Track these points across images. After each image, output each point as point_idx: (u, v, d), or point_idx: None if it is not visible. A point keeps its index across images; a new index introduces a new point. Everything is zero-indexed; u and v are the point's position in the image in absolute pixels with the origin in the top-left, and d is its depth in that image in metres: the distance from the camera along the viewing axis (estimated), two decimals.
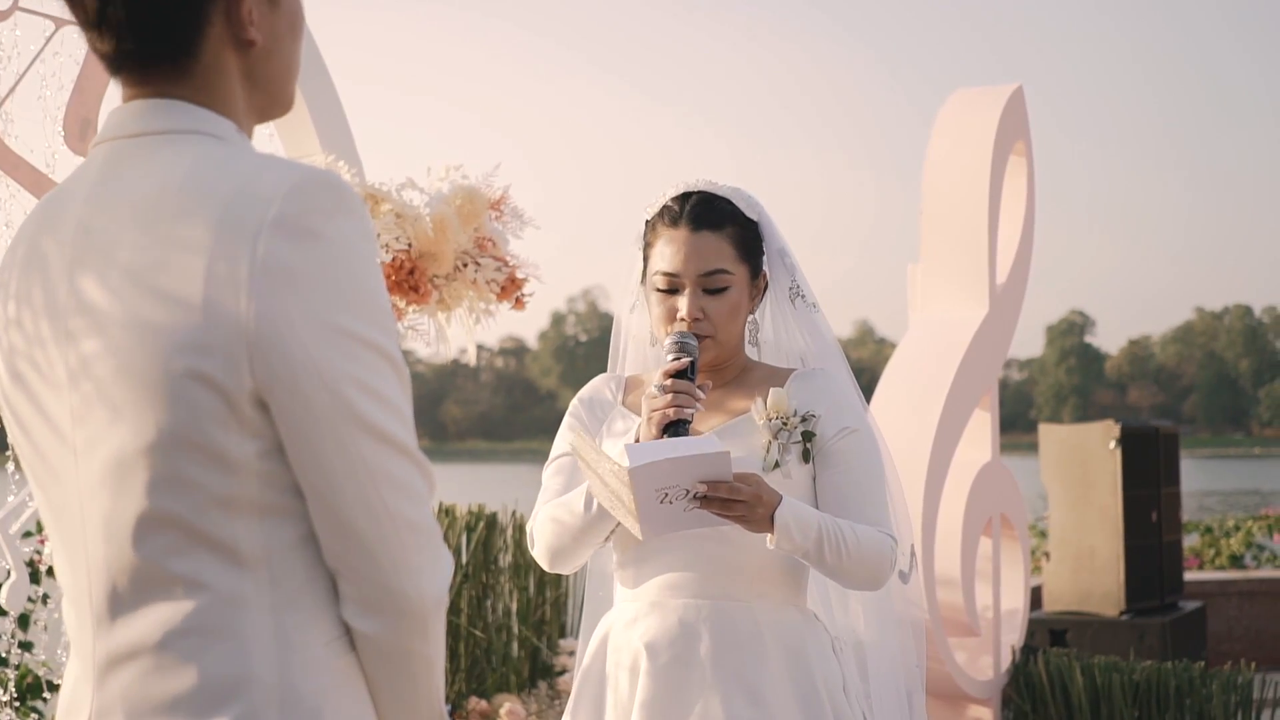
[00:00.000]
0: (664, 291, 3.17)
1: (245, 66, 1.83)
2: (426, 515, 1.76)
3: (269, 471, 1.71)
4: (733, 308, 3.16)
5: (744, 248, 3.19)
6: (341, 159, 4.74)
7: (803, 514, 2.96)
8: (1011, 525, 6.74)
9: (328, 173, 1.73)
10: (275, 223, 1.67)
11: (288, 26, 1.87)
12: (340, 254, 1.69)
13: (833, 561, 3.00)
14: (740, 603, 3.08)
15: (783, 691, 3.04)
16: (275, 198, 1.68)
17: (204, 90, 1.81)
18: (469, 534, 6.66)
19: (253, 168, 1.72)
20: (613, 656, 3.15)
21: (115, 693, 1.73)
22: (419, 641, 1.76)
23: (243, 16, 1.80)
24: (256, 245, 1.66)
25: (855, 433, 3.15)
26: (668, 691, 3.04)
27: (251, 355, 1.66)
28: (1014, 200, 6.79)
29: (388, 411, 1.71)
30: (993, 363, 6.49)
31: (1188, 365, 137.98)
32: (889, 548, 3.08)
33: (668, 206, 3.21)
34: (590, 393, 3.32)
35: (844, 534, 3.00)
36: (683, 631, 3.07)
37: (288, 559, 1.73)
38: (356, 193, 1.74)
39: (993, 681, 6.47)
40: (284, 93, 1.90)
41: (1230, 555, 12.64)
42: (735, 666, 3.04)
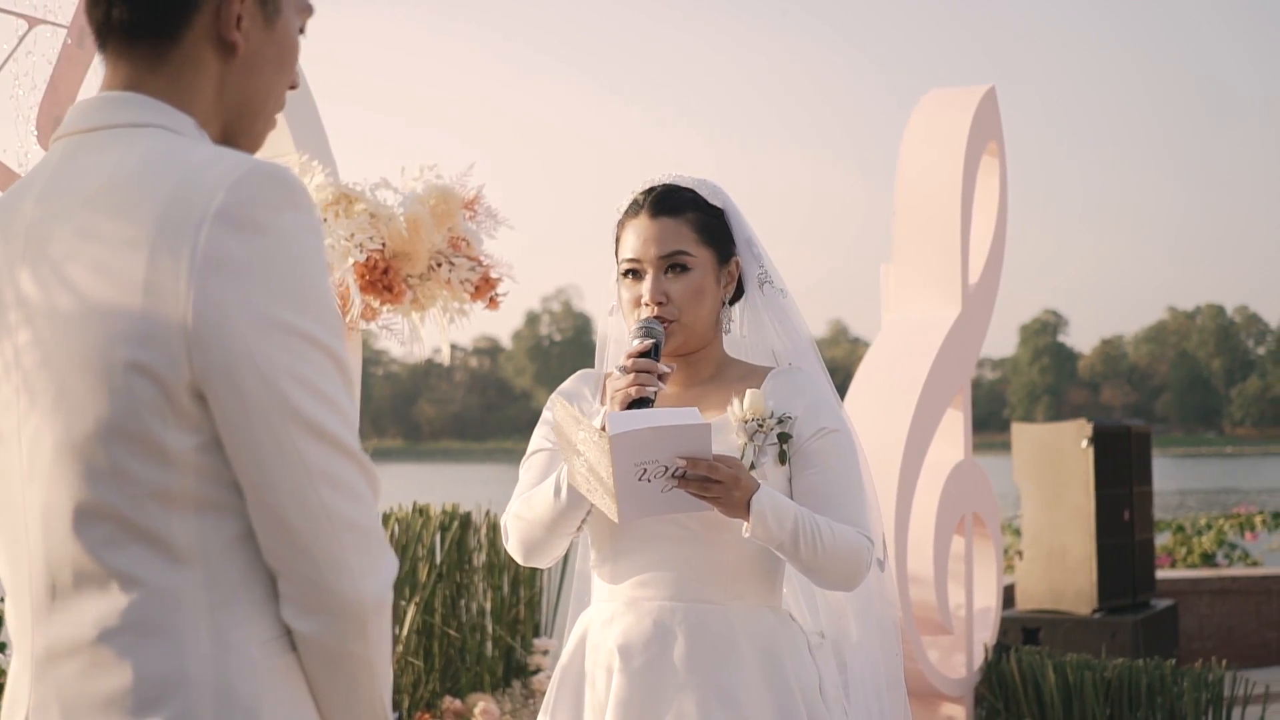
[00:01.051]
0: (628, 277, 3.22)
1: (222, 72, 1.82)
2: (366, 514, 1.72)
3: (207, 466, 1.68)
4: (696, 289, 3.17)
5: (706, 232, 3.22)
6: (316, 159, 4.73)
7: (780, 504, 2.97)
8: (984, 524, 6.76)
9: (276, 166, 1.70)
10: (218, 214, 1.65)
11: (276, 54, 1.85)
12: (284, 247, 1.67)
13: (808, 556, 3.00)
14: (715, 604, 3.08)
15: (757, 693, 3.04)
16: (219, 189, 1.66)
17: (174, 81, 1.80)
18: (443, 533, 6.65)
19: (201, 160, 1.70)
20: (590, 656, 3.15)
21: (52, 689, 1.71)
22: (358, 643, 1.72)
23: (230, 15, 1.79)
24: (199, 236, 1.64)
25: (833, 433, 3.16)
26: (642, 694, 3.04)
27: (190, 347, 1.64)
28: (986, 200, 6.81)
29: (327, 408, 1.68)
30: (965, 362, 6.51)
31: (1160, 364, 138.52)
32: (865, 548, 3.08)
33: (634, 200, 3.26)
34: (567, 389, 3.33)
35: (821, 529, 3.00)
36: (657, 633, 3.07)
37: (226, 556, 1.69)
38: (303, 185, 1.72)
39: (965, 679, 6.49)
40: (254, 123, 1.88)
41: (1202, 554, 12.72)
42: (709, 669, 3.04)
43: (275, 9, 1.85)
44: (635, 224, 3.22)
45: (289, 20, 1.87)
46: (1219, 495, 39.18)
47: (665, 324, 3.15)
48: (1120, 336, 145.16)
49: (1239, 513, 14.35)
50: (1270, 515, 14.36)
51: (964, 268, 6.42)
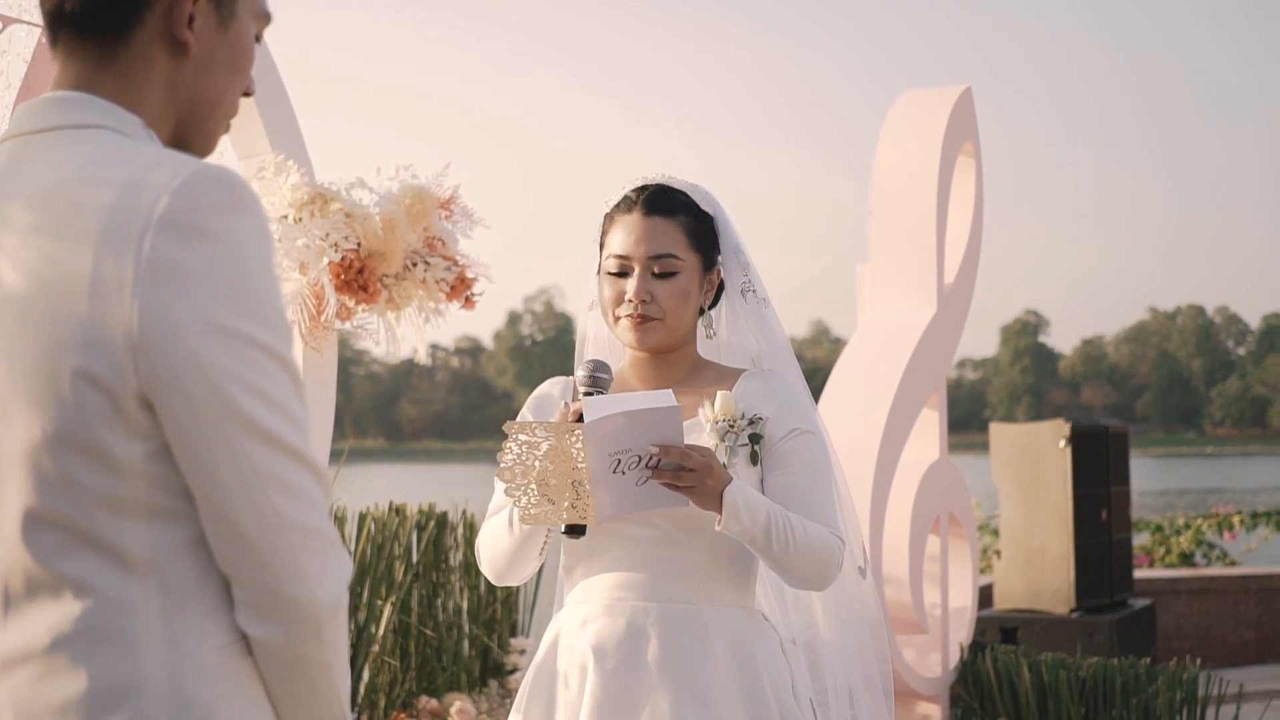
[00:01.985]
0: (614, 275, 3.21)
1: (173, 72, 1.80)
2: (318, 519, 1.71)
3: (157, 473, 1.67)
4: (681, 293, 3.18)
5: (696, 237, 3.22)
6: (291, 159, 4.73)
7: (753, 498, 2.97)
8: (960, 523, 6.77)
9: (221, 169, 1.69)
10: (162, 220, 1.63)
11: (229, 57, 1.84)
12: (230, 252, 1.65)
13: (780, 552, 3.01)
14: (688, 605, 3.09)
15: (730, 694, 3.05)
16: (164, 194, 1.64)
17: (124, 80, 1.78)
18: (419, 533, 6.65)
19: (145, 163, 1.68)
20: (564, 656, 3.15)
21: (6, 696, 1.69)
22: (313, 647, 1.71)
23: (182, 14, 1.78)
24: (143, 242, 1.62)
25: (805, 434, 3.17)
26: (615, 695, 3.04)
27: (136, 355, 1.63)
28: (963, 200, 6.83)
29: (276, 413, 1.67)
30: (941, 362, 6.53)
31: (1140, 365, 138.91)
32: (837, 548, 3.09)
33: (625, 196, 3.26)
34: (537, 397, 3.34)
35: (793, 526, 3.01)
36: (630, 634, 3.07)
37: (178, 562, 1.68)
38: (251, 188, 1.70)
39: (941, 679, 6.51)
40: (204, 125, 1.86)
41: (1180, 553, 12.73)
42: (683, 670, 3.04)
43: (230, 12, 1.83)
44: (627, 220, 3.21)
45: (244, 25, 1.86)
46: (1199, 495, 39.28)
47: (647, 322, 3.16)
48: (1101, 337, 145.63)
49: (1217, 512, 14.36)
50: (1248, 515, 14.37)
51: (939, 268, 6.44)
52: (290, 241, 4.55)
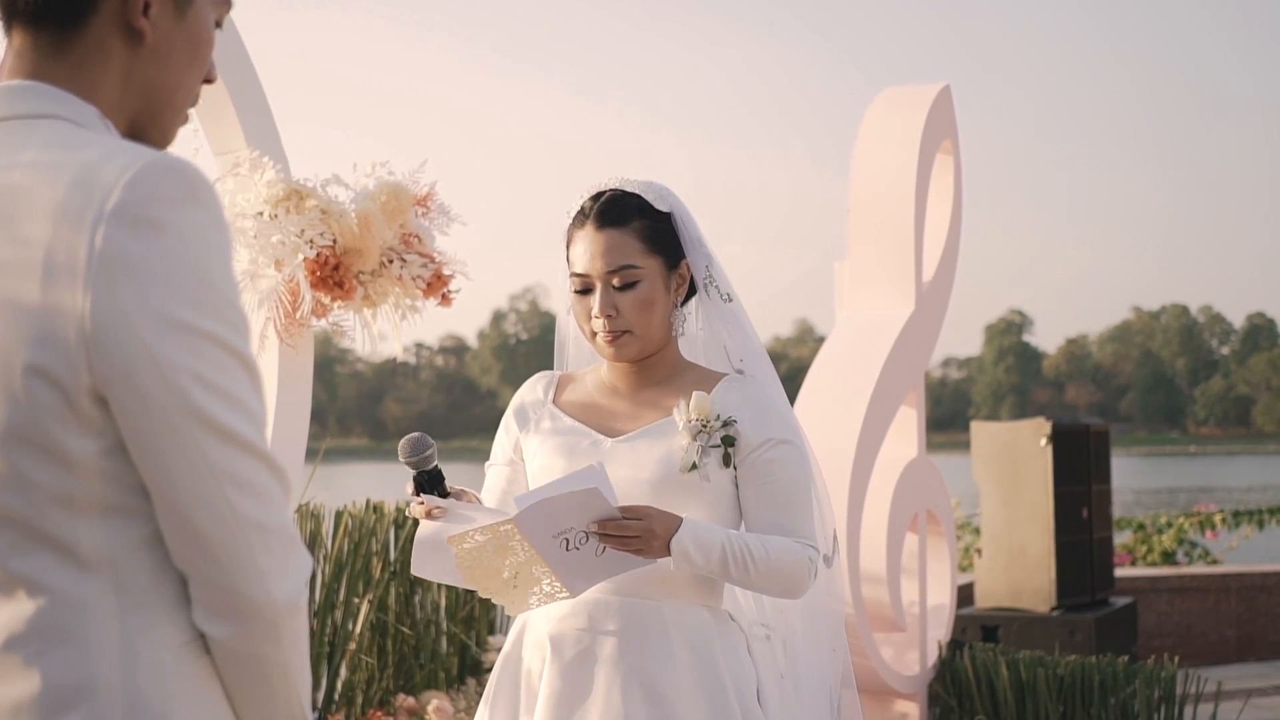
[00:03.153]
0: (579, 292, 3.21)
1: (129, 60, 1.78)
2: (276, 516, 1.68)
3: (112, 470, 1.64)
4: (644, 302, 3.17)
5: (653, 240, 3.20)
6: (267, 154, 4.71)
7: (704, 538, 2.98)
8: (938, 521, 6.77)
9: (176, 160, 1.66)
10: (115, 211, 1.60)
11: (186, 45, 1.82)
12: (184, 245, 1.62)
13: (740, 578, 3.03)
14: (650, 601, 3.10)
15: (688, 692, 3.05)
16: (116, 186, 1.61)
17: (79, 69, 1.75)
18: (397, 531, 6.63)
19: (98, 155, 1.65)
20: (528, 649, 3.17)
21: None
22: (271, 647, 1.69)
23: (137, 1, 1.75)
24: (95, 235, 1.59)
25: (781, 444, 3.16)
26: (570, 687, 3.06)
27: (89, 350, 1.60)
28: (941, 199, 6.82)
29: (232, 408, 1.65)
30: (919, 360, 6.52)
31: (1125, 364, 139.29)
32: (806, 559, 3.09)
33: (580, 209, 3.25)
34: (521, 397, 3.36)
35: (751, 552, 3.02)
36: (589, 628, 3.09)
37: (134, 560, 1.66)
38: (208, 180, 1.67)
39: (919, 676, 6.51)
40: (162, 114, 1.83)
41: (1162, 552, 12.76)
42: (638, 665, 3.05)
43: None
44: (582, 235, 3.21)
45: (202, 11, 1.84)
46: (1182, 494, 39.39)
47: (619, 336, 3.16)
48: (1085, 336, 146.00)
49: (1199, 511, 14.39)
50: (1230, 514, 14.41)
51: (918, 265, 6.43)
52: (265, 238, 4.54)
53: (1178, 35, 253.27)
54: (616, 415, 3.22)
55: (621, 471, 3.09)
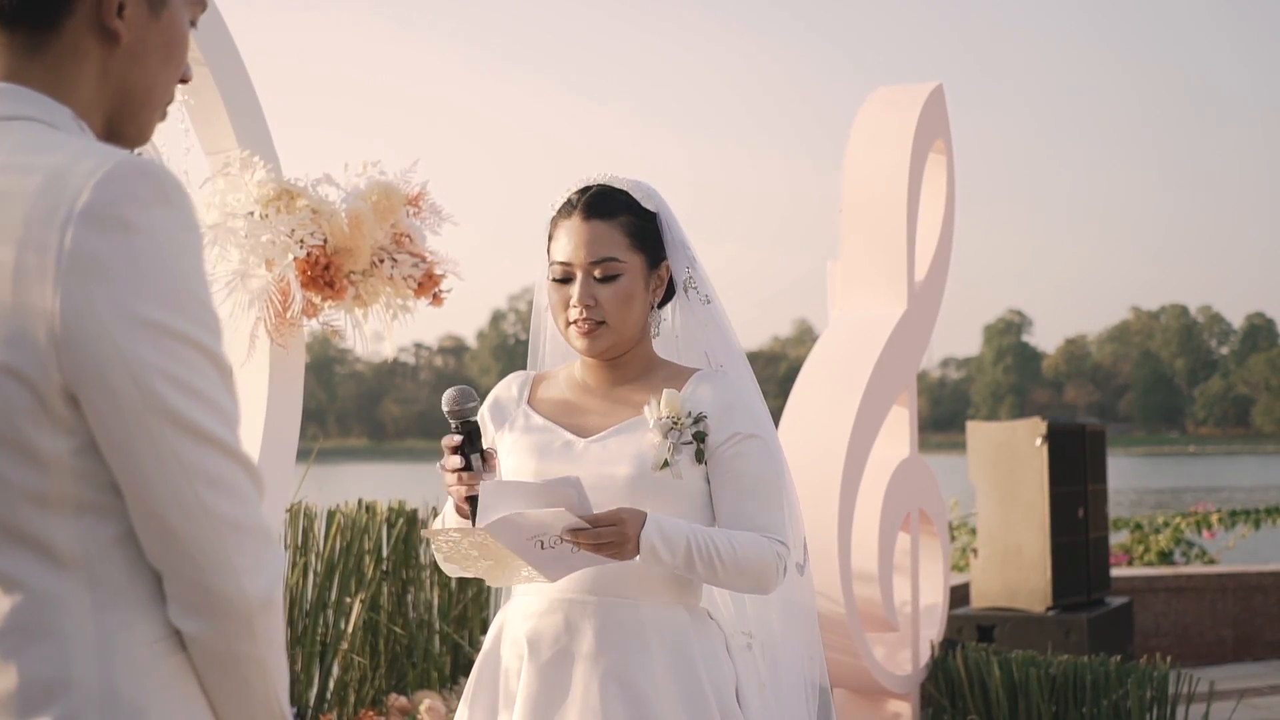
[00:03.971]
0: (558, 281, 3.21)
1: (104, 61, 1.78)
2: (249, 513, 1.69)
3: (85, 468, 1.65)
4: (625, 296, 3.18)
5: (637, 238, 3.21)
6: (258, 154, 4.71)
7: (670, 533, 2.98)
8: (931, 521, 6.77)
9: (146, 161, 1.66)
10: (84, 213, 1.60)
11: (161, 45, 1.82)
12: (153, 245, 1.62)
13: (705, 573, 3.03)
14: (628, 600, 3.10)
15: (666, 691, 3.05)
16: (86, 187, 1.61)
17: (53, 72, 1.76)
18: (389, 530, 6.64)
19: (69, 156, 1.65)
20: (506, 649, 3.17)
21: None
22: (245, 643, 1.70)
23: (111, 2, 1.75)
24: (64, 235, 1.60)
25: (747, 438, 3.16)
26: (548, 687, 3.06)
27: (59, 349, 1.61)
28: (934, 198, 6.82)
29: (203, 407, 1.65)
30: (911, 360, 6.52)
31: (1124, 364, 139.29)
32: (774, 554, 3.09)
33: (567, 200, 3.26)
34: (496, 394, 3.37)
35: (717, 547, 3.02)
36: (567, 627, 3.09)
37: (109, 558, 1.67)
38: (178, 181, 1.67)
39: (911, 676, 6.51)
40: (138, 114, 1.83)
41: (1159, 552, 12.75)
42: (616, 664, 3.05)
43: (162, 0, 1.81)
44: (567, 225, 3.22)
45: (177, 11, 1.84)
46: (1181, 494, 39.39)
47: (595, 328, 3.16)
48: (1084, 336, 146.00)
49: (1196, 511, 14.39)
50: (1227, 514, 14.41)
51: (910, 265, 6.43)
52: (256, 238, 4.54)
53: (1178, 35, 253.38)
54: (589, 413, 3.22)
55: (594, 469, 3.09)
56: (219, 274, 4.58)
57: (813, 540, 5.86)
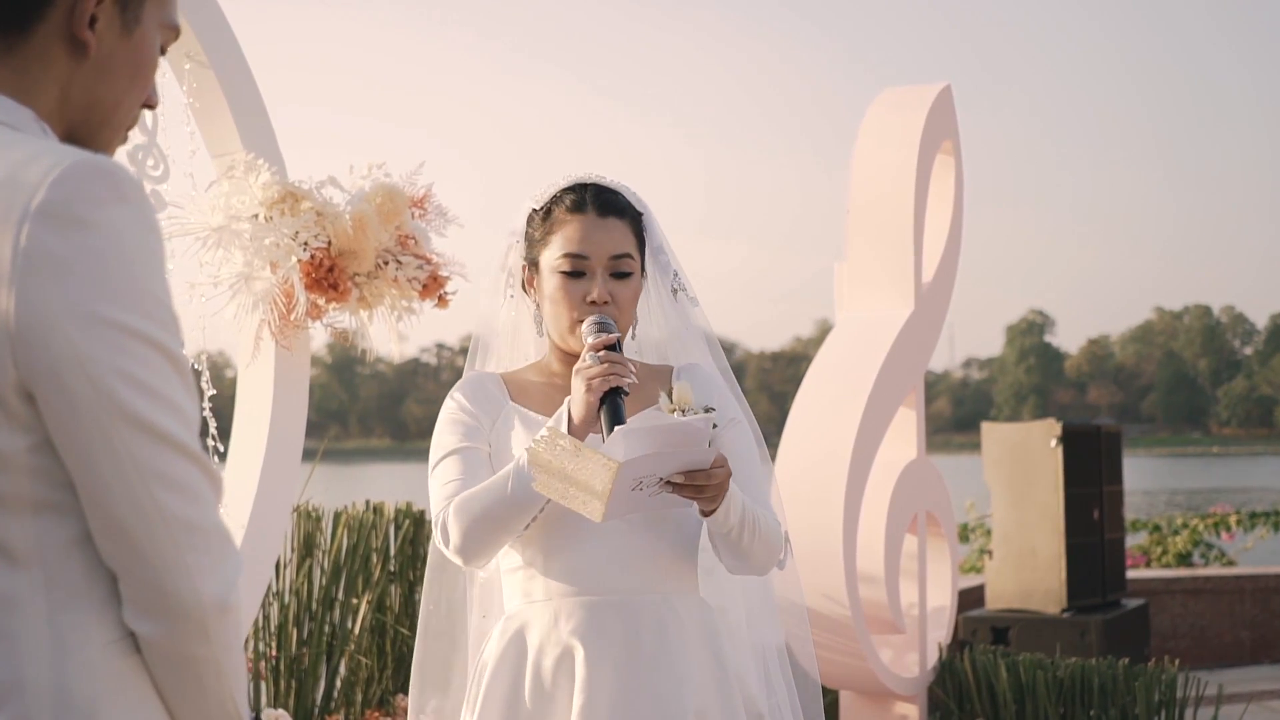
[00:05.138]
0: (570, 274, 3.15)
1: (71, 71, 1.78)
2: (205, 514, 1.68)
3: (41, 467, 1.64)
4: (635, 293, 3.18)
5: (638, 237, 3.23)
6: (263, 157, 4.71)
7: (734, 489, 2.98)
8: (939, 523, 6.74)
9: (104, 160, 1.66)
10: (39, 210, 1.60)
11: (129, 64, 1.81)
12: (109, 243, 1.62)
13: (748, 541, 3.02)
14: (659, 595, 3.08)
15: (707, 681, 3.06)
16: (42, 185, 1.61)
17: (20, 75, 1.75)
18: (396, 531, 6.64)
19: (26, 155, 1.65)
20: (532, 655, 3.09)
21: None
22: (199, 645, 1.69)
23: (83, 13, 1.75)
24: (20, 233, 1.59)
25: (735, 423, 3.19)
26: (612, 687, 3.00)
27: (14, 347, 1.60)
28: (942, 199, 6.80)
29: (159, 406, 1.64)
30: (918, 361, 6.50)
31: (1147, 364, 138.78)
32: (780, 535, 3.11)
33: (565, 195, 3.22)
34: (474, 390, 3.27)
35: (757, 515, 3.04)
36: (614, 627, 3.04)
37: (64, 558, 1.66)
38: (137, 180, 1.67)
39: (918, 679, 6.49)
40: (101, 130, 1.83)
41: (1177, 553, 12.69)
42: (671, 659, 3.03)
43: (135, 18, 1.81)
44: (579, 220, 3.17)
45: (149, 33, 1.83)
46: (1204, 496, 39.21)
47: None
48: (1107, 336, 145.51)
49: (1214, 512, 14.31)
50: (1246, 515, 14.33)
51: (917, 266, 6.41)
52: (260, 240, 4.54)
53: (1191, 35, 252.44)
54: None
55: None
56: (223, 276, 4.59)
57: (818, 542, 5.87)
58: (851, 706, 6.47)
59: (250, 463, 4.79)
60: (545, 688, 3.06)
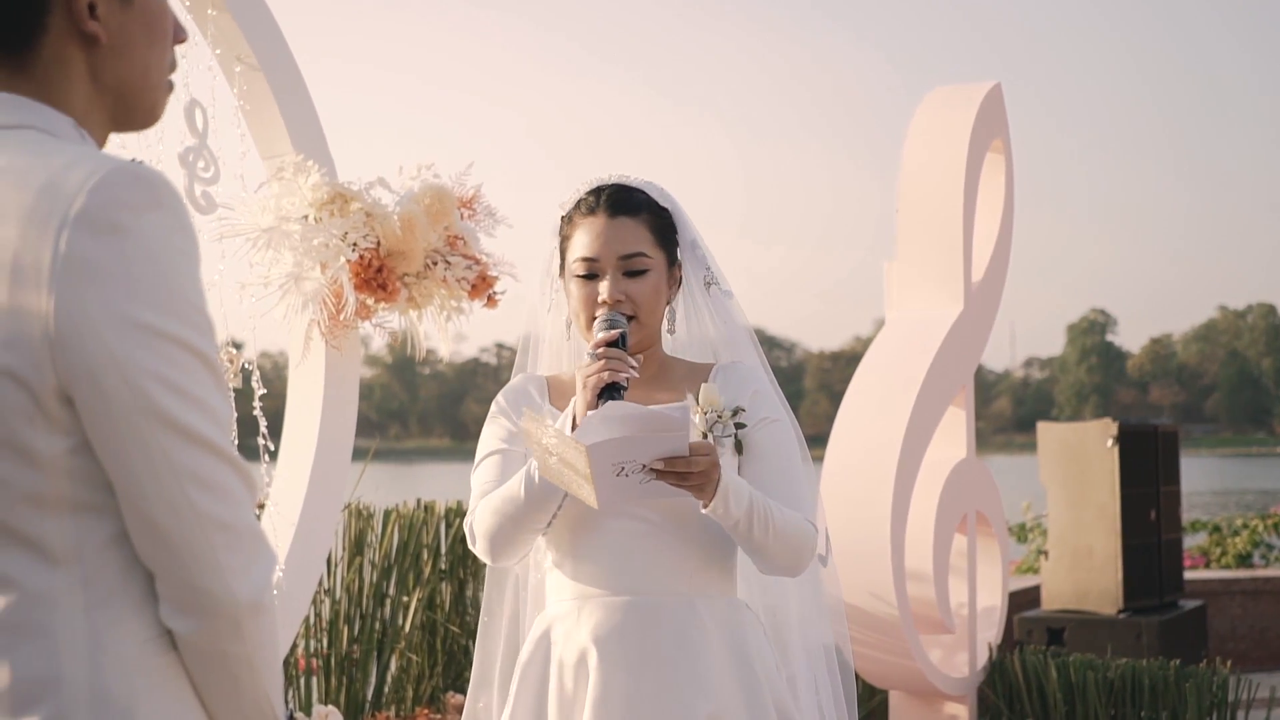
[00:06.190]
0: (584, 277, 3.20)
1: (91, 65, 1.81)
2: (238, 514, 1.71)
3: (80, 468, 1.68)
4: (653, 290, 3.19)
5: (659, 234, 3.24)
6: (312, 158, 4.75)
7: (738, 485, 2.99)
8: (989, 523, 6.71)
9: (141, 167, 1.69)
10: (78, 217, 1.64)
11: (143, 29, 1.84)
12: (146, 248, 1.66)
13: (760, 537, 3.02)
14: (682, 596, 3.10)
15: (728, 684, 3.07)
16: (80, 193, 1.65)
17: (44, 85, 1.78)
18: (447, 529, 6.67)
19: (65, 162, 1.68)
20: (557, 653, 3.14)
21: None
22: (233, 643, 1.72)
23: (79, 8, 1.78)
24: (59, 239, 1.63)
25: (775, 422, 3.19)
26: (622, 689, 3.03)
27: (53, 351, 1.64)
28: (992, 198, 6.77)
29: (194, 408, 1.68)
30: (967, 361, 6.47)
31: (1210, 364, 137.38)
32: (810, 534, 3.11)
33: (583, 199, 3.27)
34: (514, 393, 3.33)
35: (772, 511, 3.03)
36: (634, 628, 3.07)
37: (102, 557, 1.69)
38: (173, 187, 1.71)
39: (968, 679, 6.46)
40: (140, 99, 1.86)
41: (1236, 554, 12.57)
42: (687, 661, 3.05)
43: None
44: (591, 223, 3.22)
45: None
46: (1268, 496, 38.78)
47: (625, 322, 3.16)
48: (1169, 335, 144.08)
49: (1275, 512, 14.16)
50: None
51: (967, 266, 6.38)
52: (309, 241, 4.59)
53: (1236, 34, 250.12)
54: None
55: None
56: (273, 276, 4.63)
57: (866, 541, 5.86)
58: (901, 706, 6.45)
59: (301, 461, 4.83)
60: (567, 687, 3.11)
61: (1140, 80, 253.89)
